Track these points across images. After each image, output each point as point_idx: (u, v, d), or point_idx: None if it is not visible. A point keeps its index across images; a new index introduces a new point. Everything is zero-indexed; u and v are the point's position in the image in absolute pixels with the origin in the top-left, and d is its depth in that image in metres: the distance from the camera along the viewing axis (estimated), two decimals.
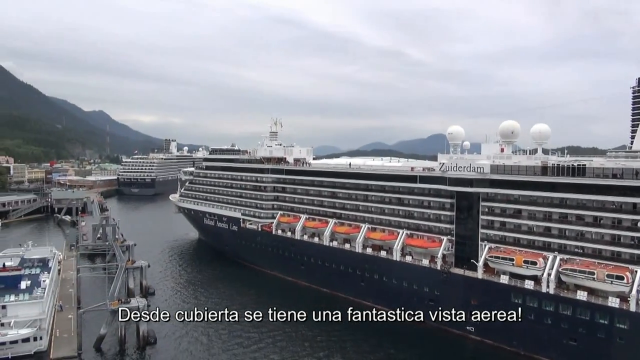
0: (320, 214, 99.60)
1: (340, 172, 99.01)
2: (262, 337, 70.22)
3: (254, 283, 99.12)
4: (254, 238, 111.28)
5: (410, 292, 78.08)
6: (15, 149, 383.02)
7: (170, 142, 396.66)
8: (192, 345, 67.44)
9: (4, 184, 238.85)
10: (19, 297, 65.50)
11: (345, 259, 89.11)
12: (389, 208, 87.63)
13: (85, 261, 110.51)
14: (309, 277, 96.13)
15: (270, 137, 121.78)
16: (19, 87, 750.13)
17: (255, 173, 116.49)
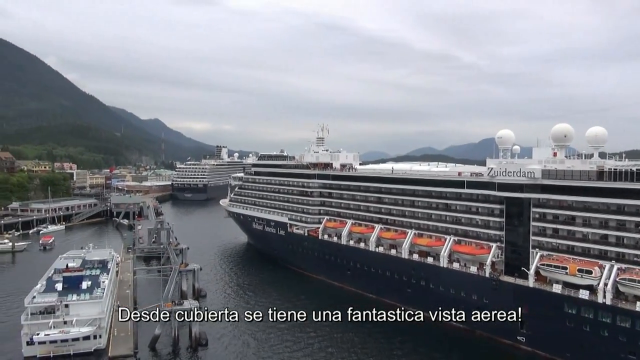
0: (366, 220, 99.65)
1: (386, 177, 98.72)
2: (308, 338, 71.21)
3: (301, 287, 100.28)
4: (300, 243, 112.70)
5: (458, 299, 76.69)
6: (78, 156, 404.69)
7: (222, 148, 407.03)
8: (241, 347, 68.73)
9: (68, 189, 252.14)
10: (80, 296, 68.76)
11: (391, 265, 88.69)
12: (435, 214, 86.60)
13: (141, 263, 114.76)
14: (354, 283, 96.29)
15: (317, 143, 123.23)
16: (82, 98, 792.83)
17: (302, 178, 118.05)
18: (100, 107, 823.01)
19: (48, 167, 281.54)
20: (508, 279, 73.10)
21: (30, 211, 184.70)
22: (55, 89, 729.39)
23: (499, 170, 75.90)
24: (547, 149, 76.67)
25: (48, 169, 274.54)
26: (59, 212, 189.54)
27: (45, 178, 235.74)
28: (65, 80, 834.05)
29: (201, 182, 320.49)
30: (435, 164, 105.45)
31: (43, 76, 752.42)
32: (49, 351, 61.93)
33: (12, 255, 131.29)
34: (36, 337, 61.52)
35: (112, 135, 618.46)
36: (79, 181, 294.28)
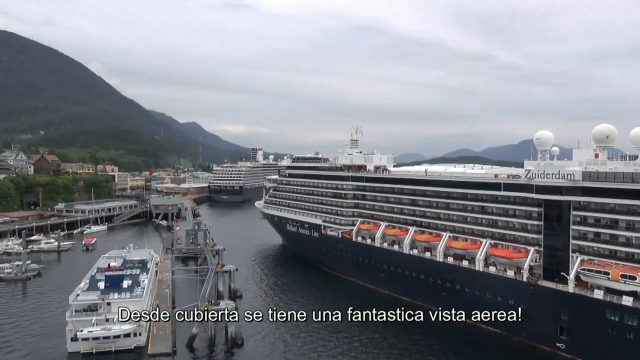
0: (400, 222, 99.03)
1: (421, 179, 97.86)
2: (341, 338, 71.37)
3: (335, 289, 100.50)
4: (334, 245, 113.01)
5: (494, 304, 75.17)
6: (119, 159, 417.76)
7: (257, 151, 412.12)
8: (276, 347, 69.05)
9: (110, 191, 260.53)
10: (121, 295, 70.87)
11: (425, 268, 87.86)
12: (471, 216, 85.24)
13: (179, 264, 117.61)
14: (388, 285, 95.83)
15: (351, 145, 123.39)
16: (123, 102, 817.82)
17: (336, 180, 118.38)
18: (141, 111, 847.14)
19: (91, 169, 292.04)
20: (547, 283, 71.25)
21: (75, 212, 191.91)
22: (98, 94, 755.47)
23: (537, 172, 74.14)
24: (588, 151, 74.42)
25: (91, 171, 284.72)
26: (102, 213, 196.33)
27: (89, 180, 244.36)
28: (107, 85, 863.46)
29: (237, 184, 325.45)
30: (471, 166, 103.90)
31: (87, 82, 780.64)
32: (92, 347, 63.85)
33: (57, 254, 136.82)
34: (80, 334, 63.65)
35: (151, 139, 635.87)
36: (120, 183, 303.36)
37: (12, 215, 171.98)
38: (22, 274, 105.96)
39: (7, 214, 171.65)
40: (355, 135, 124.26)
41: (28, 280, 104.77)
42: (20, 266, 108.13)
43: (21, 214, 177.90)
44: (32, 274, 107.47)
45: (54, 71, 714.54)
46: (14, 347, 66.96)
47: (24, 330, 73.72)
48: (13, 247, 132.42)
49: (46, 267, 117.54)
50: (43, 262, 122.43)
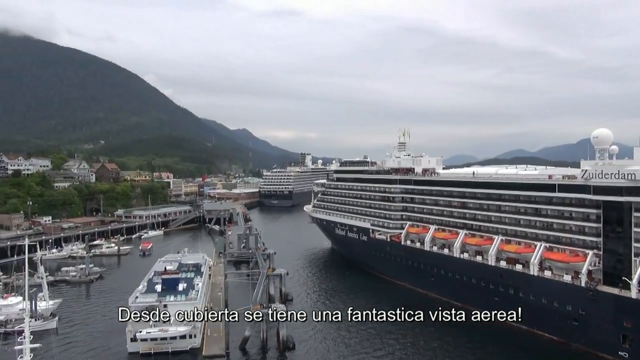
0: (450, 225, 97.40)
1: (471, 181, 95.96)
2: (392, 342, 71.10)
3: (385, 293, 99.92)
4: (383, 248, 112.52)
5: (550, 309, 72.76)
6: (174, 166, 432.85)
7: (306, 155, 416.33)
8: (328, 351, 69.12)
9: (165, 197, 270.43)
10: (177, 297, 73.00)
11: (477, 272, 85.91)
12: (524, 219, 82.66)
13: (232, 267, 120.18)
14: (439, 289, 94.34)
15: (399, 148, 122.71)
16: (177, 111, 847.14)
17: (384, 184, 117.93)
18: (193, 119, 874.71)
19: (148, 176, 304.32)
20: (607, 289, 68.01)
21: (133, 217, 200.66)
22: (153, 104, 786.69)
23: (595, 172, 71.08)
24: None
25: (148, 178, 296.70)
26: (158, 219, 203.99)
27: (146, 187, 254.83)
28: (161, 95, 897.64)
29: (287, 188, 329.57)
30: (524, 167, 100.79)
31: (143, 93, 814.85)
32: (150, 348, 65.97)
33: (117, 258, 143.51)
34: (139, 335, 65.91)
35: (204, 146, 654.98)
36: (175, 189, 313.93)
37: (76, 221, 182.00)
38: (85, 277, 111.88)
39: (72, 220, 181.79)
40: (403, 138, 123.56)
41: (91, 282, 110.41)
42: (84, 269, 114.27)
43: (84, 220, 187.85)
44: (94, 277, 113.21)
45: (112, 84, 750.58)
46: (79, 345, 70.78)
47: (88, 329, 77.87)
48: (77, 251, 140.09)
49: (107, 271, 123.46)
50: (104, 265, 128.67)
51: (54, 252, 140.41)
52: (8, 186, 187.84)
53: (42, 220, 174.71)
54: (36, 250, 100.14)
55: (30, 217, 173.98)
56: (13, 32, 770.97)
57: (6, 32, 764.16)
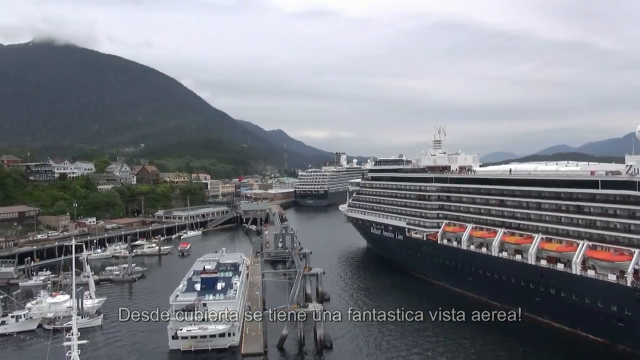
0: (488, 223, 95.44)
1: (508, 178, 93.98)
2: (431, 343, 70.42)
3: (422, 293, 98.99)
4: (419, 247, 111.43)
5: (593, 310, 70.40)
6: (211, 167, 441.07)
7: (341, 155, 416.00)
8: (366, 351, 68.56)
9: (203, 198, 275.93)
10: (216, 296, 74.22)
11: (516, 271, 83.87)
12: (565, 217, 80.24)
13: (269, 267, 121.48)
14: (477, 289, 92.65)
15: (434, 146, 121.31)
16: (213, 113, 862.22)
17: (419, 182, 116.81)
18: (229, 121, 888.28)
19: (186, 178, 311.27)
20: None
21: (173, 218, 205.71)
22: (191, 107, 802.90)
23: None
24: None
25: (186, 179, 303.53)
26: (196, 219, 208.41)
27: (184, 188, 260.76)
28: (198, 98, 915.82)
29: (322, 188, 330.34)
30: (564, 163, 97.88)
31: (180, 96, 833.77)
32: (191, 345, 67.36)
33: (158, 258, 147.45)
34: (180, 332, 67.49)
35: (239, 147, 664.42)
36: (212, 190, 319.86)
37: (118, 222, 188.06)
38: (128, 276, 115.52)
39: (115, 221, 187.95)
40: (438, 135, 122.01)
41: (133, 282, 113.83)
42: (126, 269, 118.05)
43: (126, 221, 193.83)
44: (136, 276, 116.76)
45: (151, 88, 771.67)
46: (123, 341, 73.17)
47: (131, 326, 80.00)
48: (120, 251, 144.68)
49: (149, 270, 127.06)
50: (146, 265, 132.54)
51: (98, 252, 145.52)
52: (55, 189, 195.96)
53: (87, 221, 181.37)
54: (82, 251, 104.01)
55: (75, 219, 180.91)
56: (58, 41, 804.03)
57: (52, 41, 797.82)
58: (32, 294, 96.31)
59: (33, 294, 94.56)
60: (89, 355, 48.78)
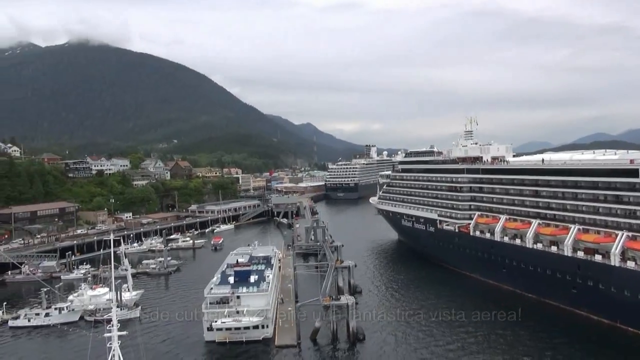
0: (522, 215, 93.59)
1: (543, 168, 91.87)
2: (463, 336, 69.56)
3: (454, 285, 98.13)
4: (451, 239, 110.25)
5: (634, 302, 68.32)
6: (242, 162, 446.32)
7: (371, 147, 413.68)
8: (398, 343, 68.29)
9: (235, 192, 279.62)
10: (249, 289, 75.02)
11: (552, 263, 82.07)
12: (603, 207, 77.92)
13: (300, 260, 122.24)
14: (511, 281, 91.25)
15: (465, 137, 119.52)
16: (243, 109, 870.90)
17: (450, 174, 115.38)
18: (259, 115, 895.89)
19: (218, 172, 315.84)
20: None
21: (206, 212, 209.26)
22: (221, 102, 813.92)
23: None
24: None
25: (218, 174, 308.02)
26: (229, 213, 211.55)
27: (216, 183, 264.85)
28: (229, 94, 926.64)
29: (352, 181, 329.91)
30: (602, 152, 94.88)
31: (211, 92, 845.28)
32: (225, 337, 68.62)
33: (192, 252, 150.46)
34: (214, 324, 68.78)
35: (270, 141, 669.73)
36: (243, 184, 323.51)
37: (154, 216, 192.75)
38: (164, 269, 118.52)
39: (150, 216, 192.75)
40: (470, 126, 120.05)
41: (169, 275, 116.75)
42: (162, 262, 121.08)
43: (161, 216, 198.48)
44: (172, 269, 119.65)
45: (183, 85, 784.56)
46: (160, 333, 75.14)
47: (168, 318, 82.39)
48: (156, 245, 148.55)
49: (184, 263, 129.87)
50: (181, 258, 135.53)
51: (135, 246, 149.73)
52: (93, 185, 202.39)
53: (124, 216, 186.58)
54: (120, 245, 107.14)
55: (113, 214, 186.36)
56: (93, 42, 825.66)
57: (87, 42, 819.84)
58: (73, 286, 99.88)
59: (74, 287, 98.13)
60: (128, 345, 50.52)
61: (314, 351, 66.43)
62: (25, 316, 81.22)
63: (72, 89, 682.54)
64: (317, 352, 66.10)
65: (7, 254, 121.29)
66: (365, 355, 64.63)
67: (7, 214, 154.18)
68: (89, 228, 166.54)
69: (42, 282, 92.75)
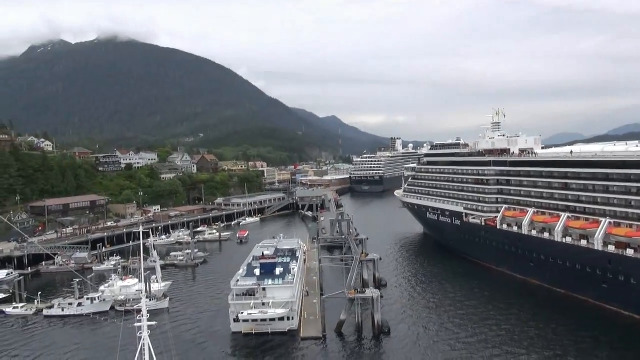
0: (551, 208, 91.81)
1: (573, 160, 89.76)
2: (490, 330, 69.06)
3: (480, 279, 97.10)
4: (477, 233, 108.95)
5: None
6: (267, 155, 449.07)
7: (396, 140, 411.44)
8: (423, 337, 68.07)
9: (260, 185, 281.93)
10: (275, 281, 75.74)
11: (582, 258, 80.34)
12: (636, 200, 75.88)
13: (325, 253, 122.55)
14: (539, 276, 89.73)
15: (492, 129, 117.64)
16: (268, 102, 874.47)
17: (477, 166, 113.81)
18: (284, 109, 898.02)
19: (243, 166, 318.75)
20: None
21: (232, 205, 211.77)
22: (246, 96, 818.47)
23: None
24: None
25: (243, 168, 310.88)
26: (254, 206, 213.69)
27: (242, 176, 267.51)
28: (254, 87, 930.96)
29: (377, 174, 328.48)
30: (635, 143, 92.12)
31: (236, 86, 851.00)
32: (252, 329, 69.63)
33: (219, 244, 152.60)
34: (241, 316, 69.87)
35: (294, 135, 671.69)
36: (269, 177, 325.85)
37: (181, 209, 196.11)
38: (191, 261, 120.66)
39: (178, 209, 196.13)
40: (497, 117, 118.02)
41: (196, 266, 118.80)
42: (190, 254, 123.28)
43: (188, 209, 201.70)
44: (199, 261, 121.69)
45: (209, 80, 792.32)
46: (188, 323, 76.79)
47: (195, 309, 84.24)
48: (183, 237, 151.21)
49: (210, 255, 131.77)
50: (207, 250, 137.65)
51: (163, 239, 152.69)
52: (122, 179, 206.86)
53: (152, 209, 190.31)
54: (149, 237, 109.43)
55: (141, 207, 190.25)
56: (121, 37, 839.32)
57: (115, 37, 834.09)
58: (104, 277, 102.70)
59: (105, 278, 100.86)
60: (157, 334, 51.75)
61: (339, 343, 66.77)
62: (59, 306, 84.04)
63: (102, 84, 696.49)
64: (342, 345, 66.43)
65: (42, 245, 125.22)
66: (390, 349, 64.66)
67: (41, 207, 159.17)
68: (118, 221, 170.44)
69: (75, 273, 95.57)
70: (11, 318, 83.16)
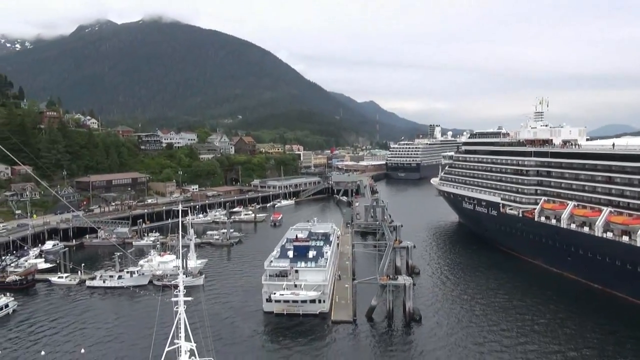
0: (592, 202, 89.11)
1: (617, 154, 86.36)
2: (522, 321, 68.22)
3: (514, 271, 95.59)
4: (514, 224, 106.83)
5: None
6: (304, 139, 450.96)
7: (434, 127, 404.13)
8: (455, 327, 67.53)
9: (296, 169, 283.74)
10: (307, 264, 76.74)
11: (623, 254, 77.86)
12: None
13: (359, 238, 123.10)
14: (576, 270, 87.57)
15: (535, 118, 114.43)
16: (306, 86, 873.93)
17: (516, 156, 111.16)
18: (322, 93, 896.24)
19: (280, 149, 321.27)
20: None
21: (267, 187, 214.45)
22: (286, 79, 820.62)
23: None
24: None
25: (280, 150, 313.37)
26: (290, 189, 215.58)
27: (279, 159, 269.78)
28: (293, 71, 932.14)
29: (414, 161, 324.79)
30: None
31: (276, 69, 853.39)
32: (283, 309, 70.96)
33: (254, 225, 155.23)
34: (273, 296, 71.16)
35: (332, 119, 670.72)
36: (305, 161, 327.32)
37: (218, 190, 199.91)
38: (227, 241, 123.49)
39: (215, 189, 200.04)
40: (540, 107, 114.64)
41: (231, 246, 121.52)
42: (225, 234, 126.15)
43: (225, 189, 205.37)
44: (234, 241, 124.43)
45: (248, 62, 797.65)
46: (222, 301, 79.00)
47: (229, 287, 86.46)
48: (219, 217, 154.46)
49: (245, 236, 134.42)
50: (243, 231, 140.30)
51: (200, 217, 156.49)
52: (163, 158, 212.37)
53: (190, 188, 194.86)
54: (187, 215, 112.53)
55: (180, 186, 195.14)
56: (164, 18, 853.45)
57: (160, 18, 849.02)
58: (143, 252, 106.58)
59: (144, 253, 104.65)
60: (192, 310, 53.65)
61: (370, 328, 67.25)
62: (101, 277, 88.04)
63: (145, 64, 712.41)
64: (372, 330, 66.89)
65: (87, 218, 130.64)
66: (420, 336, 64.64)
67: (86, 182, 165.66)
68: (158, 198, 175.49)
69: (117, 247, 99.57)
70: (56, 287, 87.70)
